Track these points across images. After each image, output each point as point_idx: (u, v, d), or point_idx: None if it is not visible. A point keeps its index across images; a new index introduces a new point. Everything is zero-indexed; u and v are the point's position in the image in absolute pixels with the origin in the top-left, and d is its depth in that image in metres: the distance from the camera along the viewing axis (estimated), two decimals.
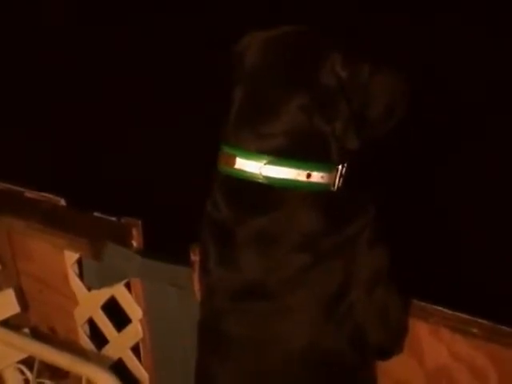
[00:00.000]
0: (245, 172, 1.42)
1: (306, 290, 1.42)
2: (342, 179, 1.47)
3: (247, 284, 1.43)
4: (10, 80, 4.43)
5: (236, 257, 1.43)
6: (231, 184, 1.45)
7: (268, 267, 1.41)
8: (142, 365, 2.05)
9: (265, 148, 1.41)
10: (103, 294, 2.03)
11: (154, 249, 1.90)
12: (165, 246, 1.82)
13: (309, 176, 1.42)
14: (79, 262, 2.05)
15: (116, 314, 2.06)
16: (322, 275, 1.41)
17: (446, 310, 1.55)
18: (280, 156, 1.41)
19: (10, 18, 5.13)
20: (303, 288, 1.41)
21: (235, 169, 1.43)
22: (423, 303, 1.57)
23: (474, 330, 1.50)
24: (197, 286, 1.74)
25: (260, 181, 1.41)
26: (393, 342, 1.54)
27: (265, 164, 1.40)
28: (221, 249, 1.46)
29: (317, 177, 1.42)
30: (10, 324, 2.18)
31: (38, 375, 2.13)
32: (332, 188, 1.45)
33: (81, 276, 2.06)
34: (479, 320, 1.51)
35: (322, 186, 1.43)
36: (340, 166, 1.46)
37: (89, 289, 2.06)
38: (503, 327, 1.49)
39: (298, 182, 1.41)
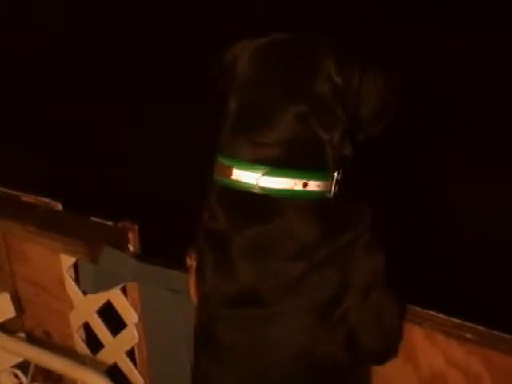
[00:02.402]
0: (241, 183, 1.42)
1: (300, 297, 1.42)
2: (337, 186, 1.47)
3: (242, 291, 1.43)
4: (5, 83, 4.43)
5: (232, 265, 1.43)
6: (228, 194, 1.45)
7: (263, 275, 1.41)
8: (137, 369, 2.05)
9: (261, 158, 1.41)
10: (99, 299, 2.03)
11: (151, 253, 1.91)
12: (161, 250, 1.83)
13: (305, 185, 1.42)
14: (75, 266, 2.05)
15: (112, 318, 2.06)
16: (318, 282, 1.42)
17: (440, 315, 1.55)
18: (277, 166, 1.41)
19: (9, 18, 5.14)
20: (298, 295, 1.42)
21: (232, 179, 1.43)
22: (418, 308, 1.57)
23: (469, 335, 1.51)
24: (193, 291, 1.74)
25: (256, 191, 1.41)
26: (387, 347, 1.54)
27: (262, 175, 1.41)
28: (217, 257, 1.46)
29: (313, 185, 1.42)
30: (5, 328, 2.18)
31: (33, 379, 2.14)
32: (328, 195, 1.46)
33: (77, 280, 2.06)
34: (474, 325, 1.52)
35: (318, 194, 1.44)
36: (336, 173, 1.46)
37: (84, 293, 2.06)
38: (497, 332, 1.50)
39: (294, 191, 1.41)
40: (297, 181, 1.41)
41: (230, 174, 1.42)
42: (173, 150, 3.73)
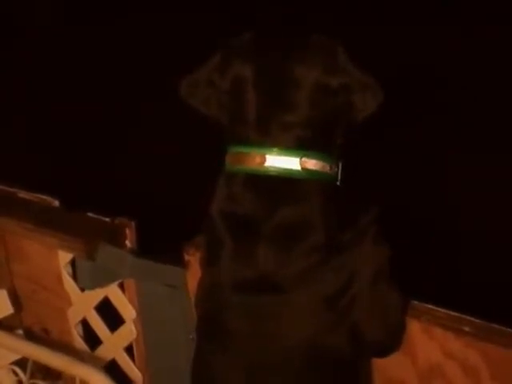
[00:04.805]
0: (275, 168, 1.42)
1: (313, 286, 1.43)
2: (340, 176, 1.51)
3: (259, 277, 1.43)
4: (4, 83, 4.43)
5: (254, 250, 1.43)
6: (255, 180, 1.44)
7: (283, 261, 1.42)
8: (135, 365, 2.05)
9: (295, 141, 1.42)
10: (97, 295, 2.03)
11: (148, 249, 1.91)
12: (158, 246, 1.83)
13: (330, 168, 1.46)
14: (73, 263, 2.05)
15: (109, 314, 2.06)
16: (331, 271, 1.43)
17: (437, 309, 1.55)
18: (311, 148, 1.43)
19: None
20: (312, 283, 1.43)
21: (264, 166, 1.42)
22: (415, 302, 1.57)
23: (466, 328, 1.51)
24: (191, 286, 1.75)
25: (287, 175, 1.42)
26: (392, 339, 1.55)
27: (301, 158, 1.42)
28: (239, 242, 1.45)
29: (331, 168, 1.46)
30: (3, 325, 2.18)
31: (32, 376, 2.13)
32: (337, 182, 1.49)
33: (74, 276, 2.06)
34: (471, 318, 1.52)
35: (332, 178, 1.47)
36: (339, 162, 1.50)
37: (82, 289, 2.06)
38: (495, 325, 1.51)
39: (326, 173, 1.45)
40: (325, 163, 1.44)
41: (262, 162, 1.42)
42: (169, 147, 3.73)
